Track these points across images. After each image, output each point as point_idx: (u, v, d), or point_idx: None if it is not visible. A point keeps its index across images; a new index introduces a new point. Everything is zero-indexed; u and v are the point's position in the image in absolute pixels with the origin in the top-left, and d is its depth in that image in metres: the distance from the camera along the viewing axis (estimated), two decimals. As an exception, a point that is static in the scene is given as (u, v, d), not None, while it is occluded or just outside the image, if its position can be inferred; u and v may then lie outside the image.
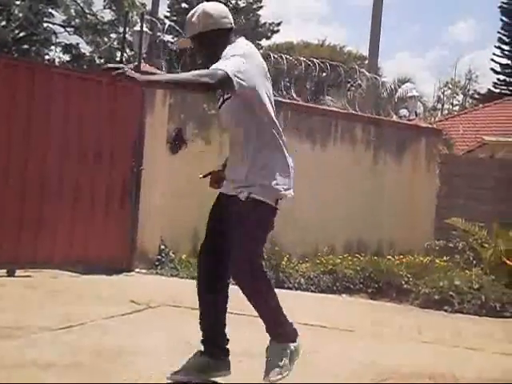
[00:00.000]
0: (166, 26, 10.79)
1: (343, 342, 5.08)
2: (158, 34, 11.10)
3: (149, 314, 5.48)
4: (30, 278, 6.98)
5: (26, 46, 22.99)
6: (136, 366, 3.86)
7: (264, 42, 30.06)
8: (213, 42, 3.48)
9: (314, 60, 10.65)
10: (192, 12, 3.56)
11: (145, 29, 9.17)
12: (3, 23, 21.41)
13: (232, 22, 3.56)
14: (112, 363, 3.85)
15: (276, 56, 10.33)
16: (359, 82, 12.21)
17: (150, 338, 4.58)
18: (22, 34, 22.65)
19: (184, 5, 29.63)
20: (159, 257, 8.53)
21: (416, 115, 12.24)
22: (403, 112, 12.07)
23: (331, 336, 5.25)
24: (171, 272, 8.20)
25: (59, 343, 4.21)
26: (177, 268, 8.33)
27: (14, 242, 7.02)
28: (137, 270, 8.13)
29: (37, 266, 7.26)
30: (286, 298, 6.47)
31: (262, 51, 15.50)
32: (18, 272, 6.96)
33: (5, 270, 6.83)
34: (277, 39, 31.04)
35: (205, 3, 3.60)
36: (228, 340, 3.61)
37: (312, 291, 7.98)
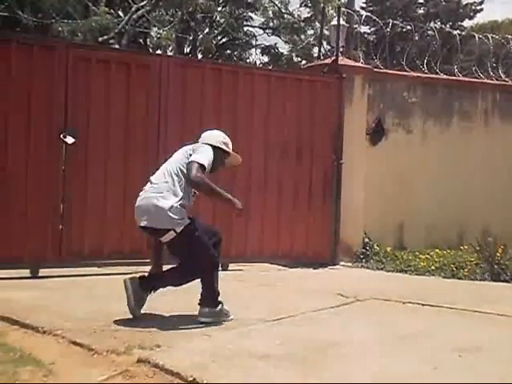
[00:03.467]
0: (363, 17, 10.69)
1: None
2: (355, 25, 11.03)
3: (357, 306, 5.45)
4: (242, 272, 7.30)
5: (228, 51, 24.10)
6: (348, 358, 3.85)
7: (466, 23, 28.70)
8: None
9: (523, 37, 9.92)
10: None
11: (341, 22, 9.18)
12: (206, 30, 22.57)
13: None
14: (324, 355, 3.87)
15: (481, 36, 9.79)
16: None
17: (361, 330, 4.54)
18: (224, 40, 23.77)
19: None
20: (364, 250, 8.49)
21: None
22: None
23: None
24: (377, 265, 8.12)
25: (271, 334, 4.33)
26: (382, 261, 8.23)
27: (226, 238, 7.35)
28: (342, 263, 8.17)
29: (247, 260, 7.59)
30: (504, 292, 6.11)
31: (465, 32, 14.74)
32: (231, 266, 7.31)
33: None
34: (480, 19, 29.47)
35: None
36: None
37: (533, 284, 7.42)
